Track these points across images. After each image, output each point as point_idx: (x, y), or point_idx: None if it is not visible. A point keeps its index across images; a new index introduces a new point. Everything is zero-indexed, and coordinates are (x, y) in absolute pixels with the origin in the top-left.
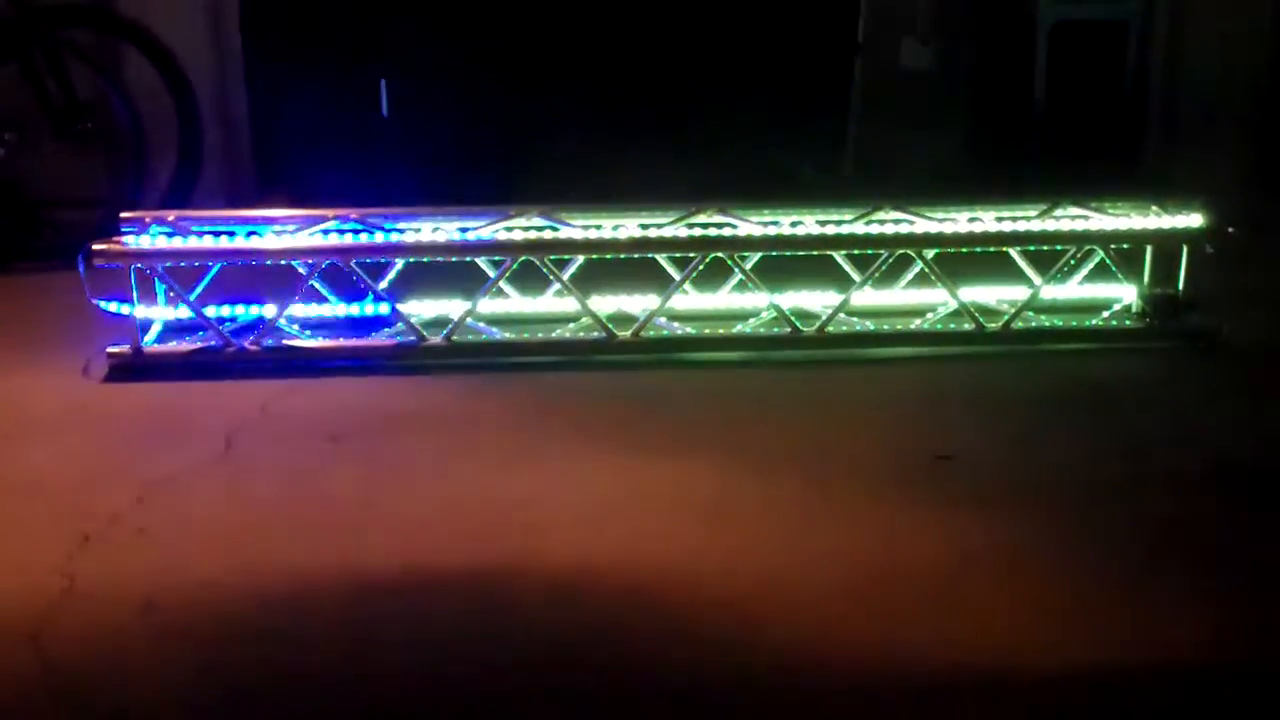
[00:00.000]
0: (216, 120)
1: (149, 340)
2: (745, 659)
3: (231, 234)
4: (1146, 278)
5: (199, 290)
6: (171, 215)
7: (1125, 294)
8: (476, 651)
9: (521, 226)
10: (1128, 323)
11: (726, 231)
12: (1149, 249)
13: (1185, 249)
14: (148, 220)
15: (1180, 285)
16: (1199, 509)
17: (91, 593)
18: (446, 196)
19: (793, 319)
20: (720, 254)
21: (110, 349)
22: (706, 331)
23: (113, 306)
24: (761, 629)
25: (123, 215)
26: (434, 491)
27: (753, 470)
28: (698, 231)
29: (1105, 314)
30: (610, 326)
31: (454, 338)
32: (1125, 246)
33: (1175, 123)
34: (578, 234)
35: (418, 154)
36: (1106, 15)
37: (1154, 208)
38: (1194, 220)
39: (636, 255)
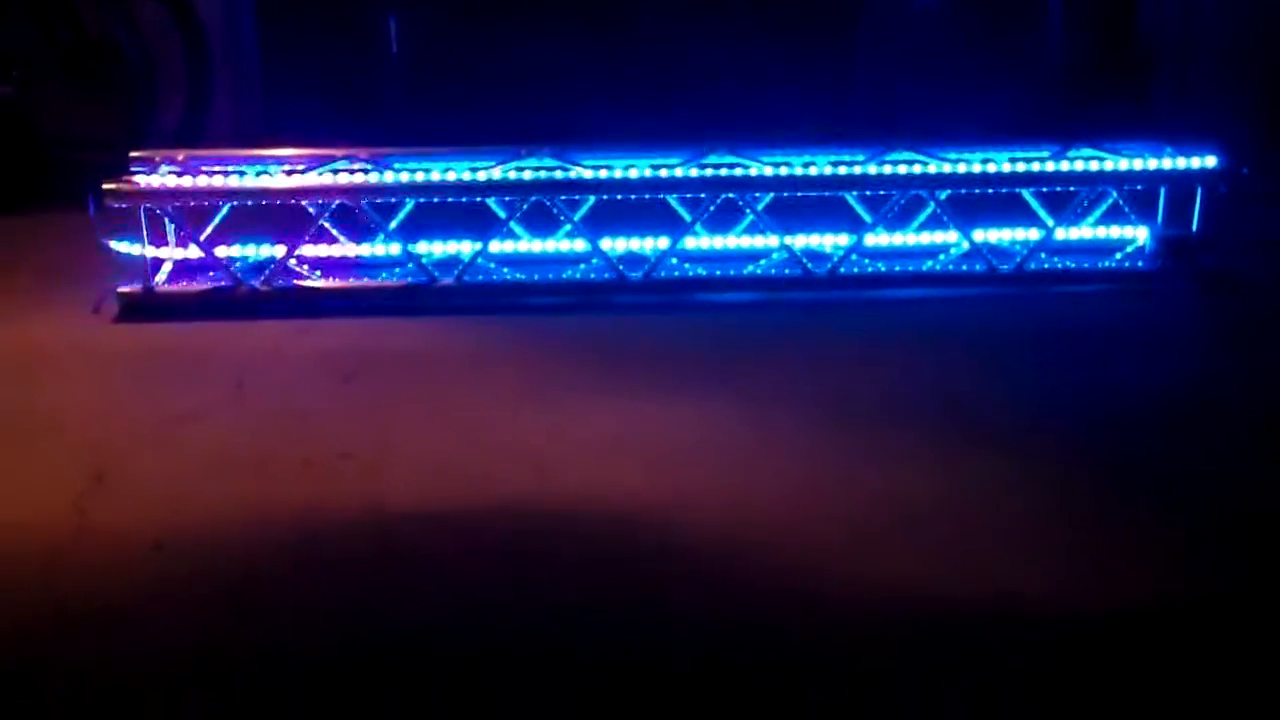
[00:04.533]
0: (225, 59)
1: (160, 280)
2: (753, 594)
3: (241, 173)
4: (1160, 219)
5: (210, 230)
6: (181, 155)
7: (1139, 235)
8: (491, 587)
9: (532, 166)
10: (1140, 264)
11: (738, 172)
12: (1163, 190)
13: (1199, 190)
14: (157, 160)
15: (1194, 226)
16: (1200, 450)
17: (104, 530)
18: (456, 136)
19: (804, 260)
20: (731, 195)
21: (121, 289)
22: (718, 273)
23: (123, 246)
24: (768, 566)
25: (132, 155)
26: (445, 430)
27: (762, 410)
28: (709, 172)
29: (1118, 255)
30: (621, 268)
31: (464, 278)
32: (1139, 188)
33: (1190, 63)
34: (589, 174)
35: (427, 93)
36: None
37: (1168, 149)
38: (1208, 161)
39: (648, 196)
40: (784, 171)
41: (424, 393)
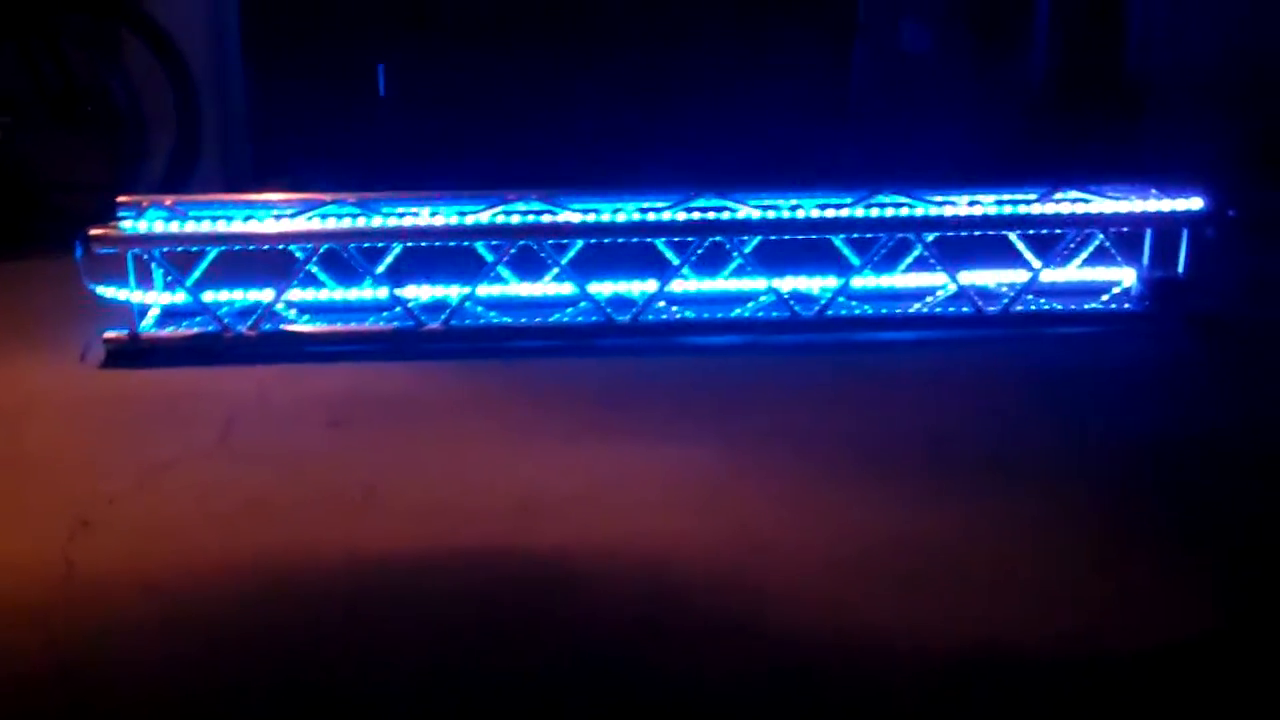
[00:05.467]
0: (214, 104)
1: (147, 325)
2: (744, 640)
3: (228, 218)
4: (1147, 261)
5: (197, 275)
6: (169, 199)
7: (1126, 277)
8: (476, 634)
9: (520, 210)
10: (1128, 306)
11: (725, 215)
12: (1149, 232)
13: (1186, 232)
14: (145, 204)
15: (1180, 268)
16: (1184, 490)
17: (92, 578)
18: (446, 179)
19: (791, 303)
20: (718, 238)
21: (108, 334)
22: (706, 316)
23: (110, 291)
24: (760, 609)
25: (119, 199)
26: (432, 475)
27: (751, 453)
28: (695, 216)
29: (1105, 297)
30: (609, 311)
31: (452, 322)
32: (1125, 230)
33: (1179, 101)
34: (575, 218)
35: (416, 137)
36: None
37: (1154, 190)
38: (1194, 203)
39: (635, 239)
40: (770, 215)
41: (409, 437)
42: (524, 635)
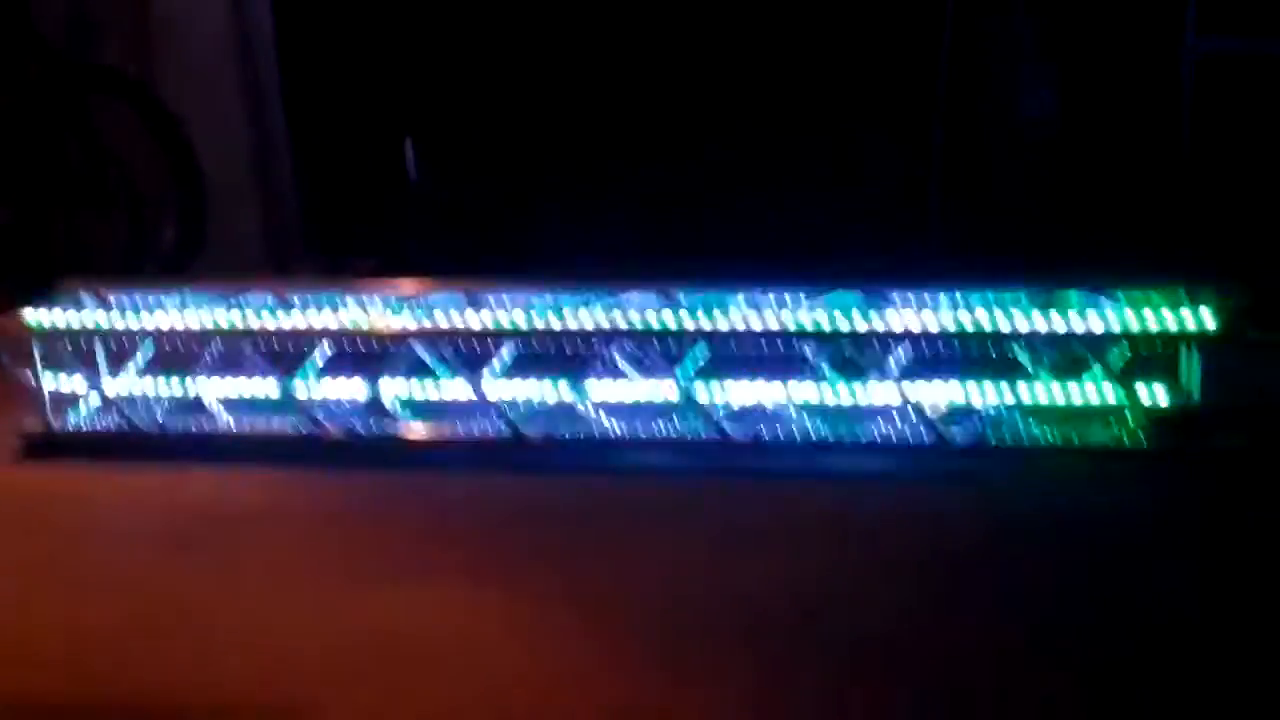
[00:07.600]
0: (257, 192)
1: (87, 415)
2: None
3: (161, 307)
4: (1183, 382)
5: (142, 363)
6: (104, 287)
7: (1130, 402)
8: None
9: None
10: (1129, 440)
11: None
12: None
13: (1195, 353)
14: (83, 291)
15: (1192, 395)
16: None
17: None
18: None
19: (720, 422)
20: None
21: (27, 427)
22: (623, 433)
23: (35, 380)
24: None
25: (59, 285)
26: (251, 615)
27: (588, 617)
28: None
29: (1097, 428)
30: (516, 425)
31: (362, 430)
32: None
33: None
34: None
35: (450, 220)
36: (1270, 49)
37: (1184, 298)
38: (1203, 319)
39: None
40: (688, 324)
41: (253, 565)
42: None
